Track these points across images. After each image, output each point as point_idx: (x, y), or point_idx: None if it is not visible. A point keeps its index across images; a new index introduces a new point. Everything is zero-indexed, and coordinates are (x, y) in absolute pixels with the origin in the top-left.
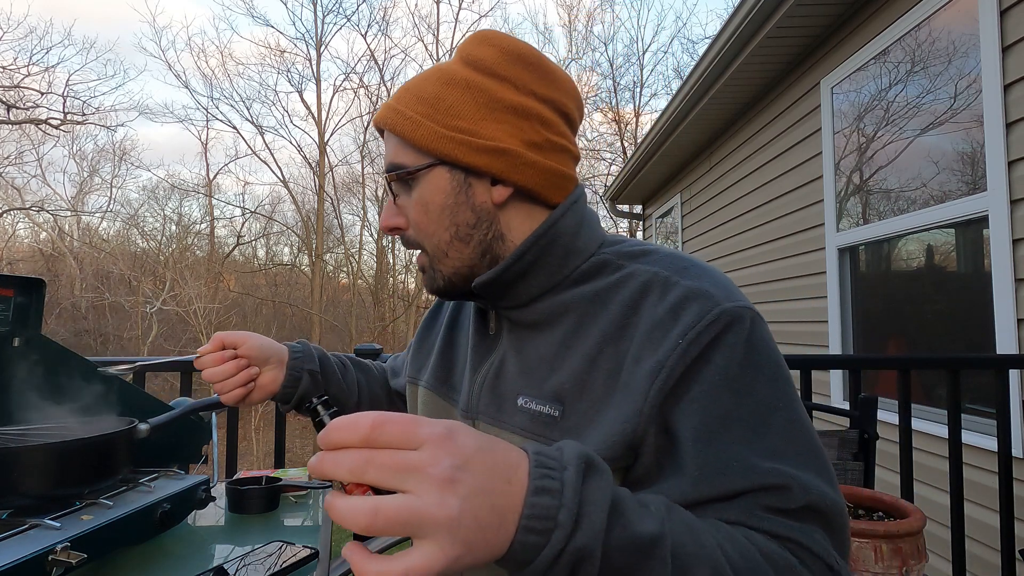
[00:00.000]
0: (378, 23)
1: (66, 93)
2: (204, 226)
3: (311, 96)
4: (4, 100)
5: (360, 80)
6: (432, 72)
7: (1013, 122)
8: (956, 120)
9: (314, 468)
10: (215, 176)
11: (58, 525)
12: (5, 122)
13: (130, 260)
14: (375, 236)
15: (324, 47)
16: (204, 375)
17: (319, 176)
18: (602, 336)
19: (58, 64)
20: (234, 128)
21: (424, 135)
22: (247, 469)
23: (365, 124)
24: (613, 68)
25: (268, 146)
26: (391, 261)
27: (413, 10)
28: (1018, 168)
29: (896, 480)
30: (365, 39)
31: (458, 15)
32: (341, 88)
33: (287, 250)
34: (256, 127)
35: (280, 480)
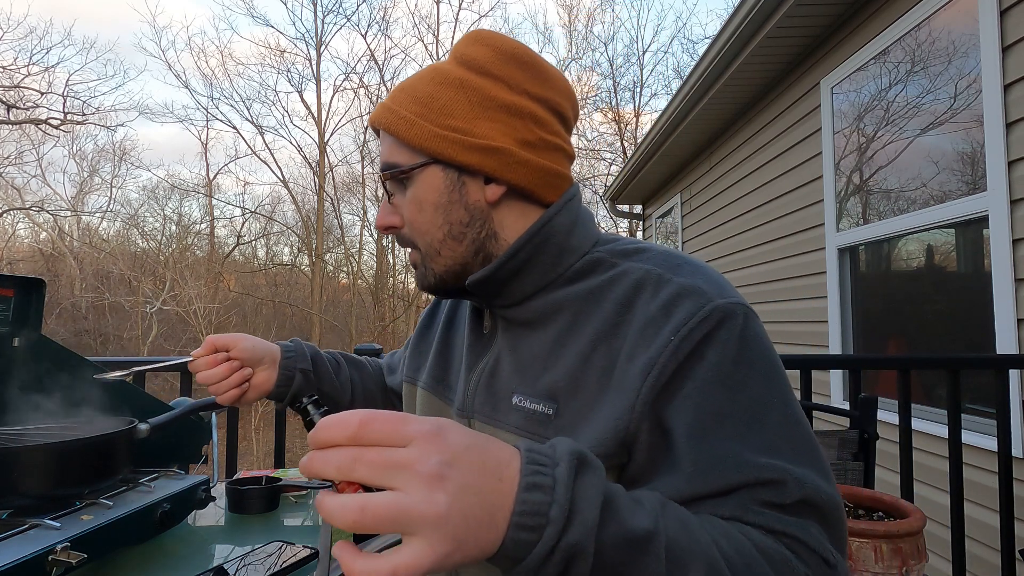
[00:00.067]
0: (378, 23)
1: (66, 93)
2: (204, 226)
3: (311, 96)
4: (4, 100)
5: (360, 80)
6: (427, 72)
7: (1013, 122)
8: (956, 120)
9: (304, 467)
10: (215, 176)
11: (58, 525)
12: (5, 122)
13: (130, 260)
14: (375, 236)
15: (324, 47)
16: (198, 378)
17: (319, 176)
18: (596, 334)
19: (58, 64)
20: (234, 128)
21: (418, 134)
22: (247, 469)
23: (365, 124)
24: (613, 68)
25: (268, 146)
26: (391, 261)
27: (413, 10)
28: (1018, 168)
29: (896, 480)
30: (365, 39)
31: (458, 15)
32: (341, 88)
33: (287, 250)
34: (256, 127)
35: (280, 480)
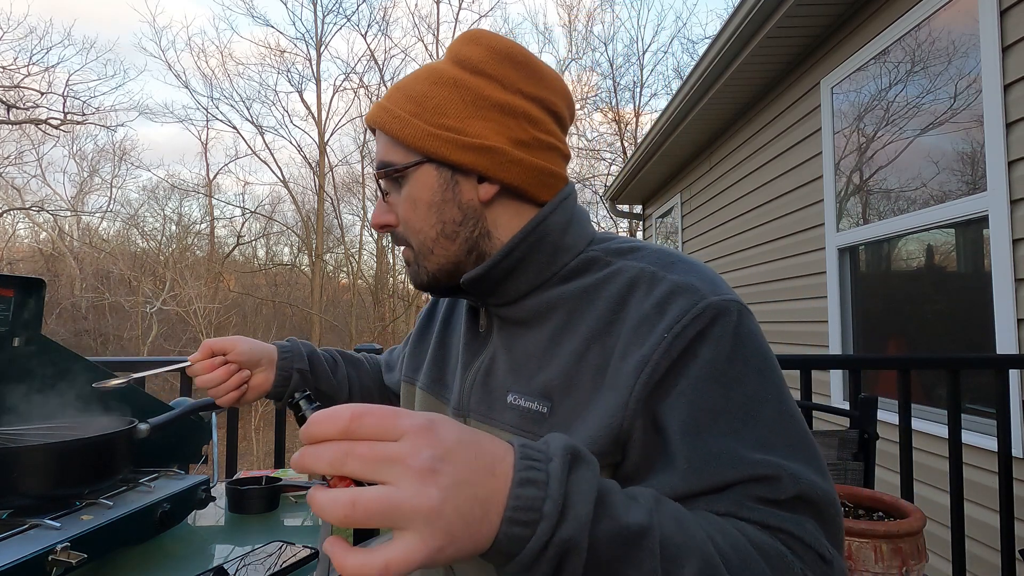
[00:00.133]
0: (378, 23)
1: (66, 93)
2: (204, 226)
3: (311, 96)
4: (4, 100)
5: (360, 80)
6: (422, 71)
7: (1013, 122)
8: (956, 120)
9: (296, 462)
10: (215, 176)
11: (58, 525)
12: (5, 122)
13: (130, 260)
14: (375, 236)
15: (324, 47)
16: (197, 382)
17: (319, 176)
18: (590, 332)
19: (58, 64)
20: (234, 128)
21: (412, 133)
22: (247, 469)
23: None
24: (613, 68)
25: (268, 146)
26: (391, 261)
27: (413, 10)
28: (1018, 168)
29: (896, 480)
30: (365, 39)
31: (458, 15)
32: (341, 88)
33: (287, 250)
34: (256, 127)
35: (280, 480)
